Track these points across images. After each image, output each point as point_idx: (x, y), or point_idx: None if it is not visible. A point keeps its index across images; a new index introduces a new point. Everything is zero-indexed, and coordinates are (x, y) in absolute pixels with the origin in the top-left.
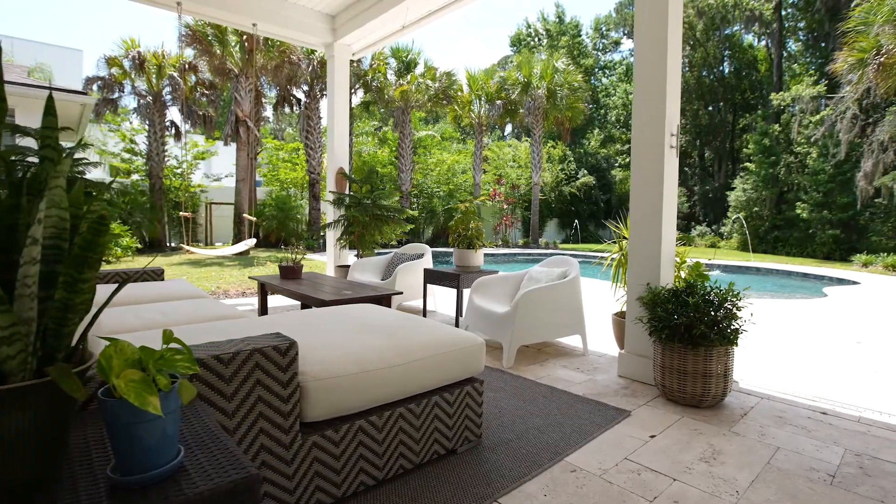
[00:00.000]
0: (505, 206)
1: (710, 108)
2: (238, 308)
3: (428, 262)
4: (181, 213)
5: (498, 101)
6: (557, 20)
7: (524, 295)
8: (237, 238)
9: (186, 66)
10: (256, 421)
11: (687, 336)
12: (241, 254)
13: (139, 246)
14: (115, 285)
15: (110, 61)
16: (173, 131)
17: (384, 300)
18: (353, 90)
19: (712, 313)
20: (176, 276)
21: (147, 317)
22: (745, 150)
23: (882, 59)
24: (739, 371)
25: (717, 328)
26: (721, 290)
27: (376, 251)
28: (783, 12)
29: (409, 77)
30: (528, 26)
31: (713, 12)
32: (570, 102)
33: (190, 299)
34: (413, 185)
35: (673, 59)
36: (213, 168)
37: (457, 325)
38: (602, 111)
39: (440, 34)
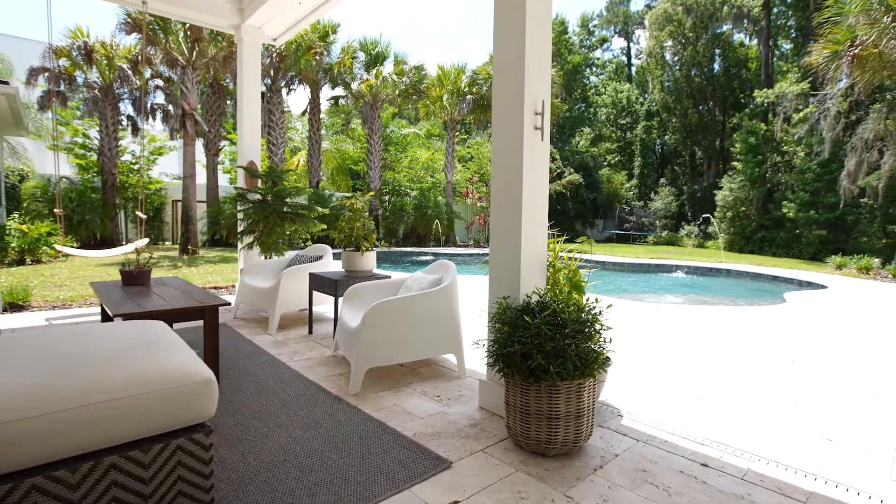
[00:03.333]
0: (479, 205)
1: (700, 108)
2: (78, 318)
3: (327, 264)
4: (138, 212)
5: (468, 96)
6: None
7: (372, 308)
8: (184, 237)
9: (140, 57)
10: None
11: (526, 368)
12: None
13: (74, 245)
14: None
15: (58, 52)
16: (130, 127)
17: (206, 313)
18: (320, 84)
19: (559, 340)
20: (82, 278)
21: None
22: (732, 149)
23: (856, 51)
24: (634, 399)
25: (562, 359)
26: (578, 309)
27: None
28: (774, 10)
29: (374, 71)
30: None
31: (701, 10)
32: None
33: None
34: (384, 183)
35: (536, 14)
36: (180, 165)
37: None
38: (591, 109)
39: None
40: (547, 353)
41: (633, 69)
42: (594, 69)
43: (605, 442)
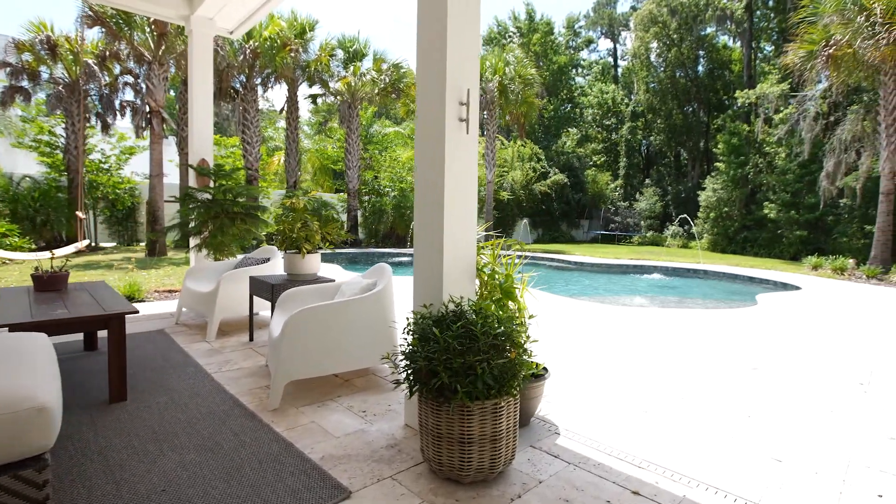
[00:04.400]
0: None
1: (685, 109)
2: None
3: (274, 267)
4: (77, 212)
5: None
6: (528, 18)
7: (293, 317)
8: (152, 238)
9: (107, 53)
10: None
11: (434, 387)
12: (74, 254)
13: (32, 246)
14: None
15: (20, 46)
16: (99, 124)
17: (110, 323)
18: (297, 82)
19: (470, 355)
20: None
21: None
22: (716, 150)
23: (831, 52)
24: (577, 414)
25: (473, 377)
26: (499, 320)
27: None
28: (757, 12)
29: (353, 69)
30: (499, 24)
31: (685, 11)
32: (525, 97)
33: None
34: (363, 183)
35: None
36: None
37: None
38: (578, 110)
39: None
40: (454, 371)
41: (620, 70)
42: (580, 70)
43: (532, 465)
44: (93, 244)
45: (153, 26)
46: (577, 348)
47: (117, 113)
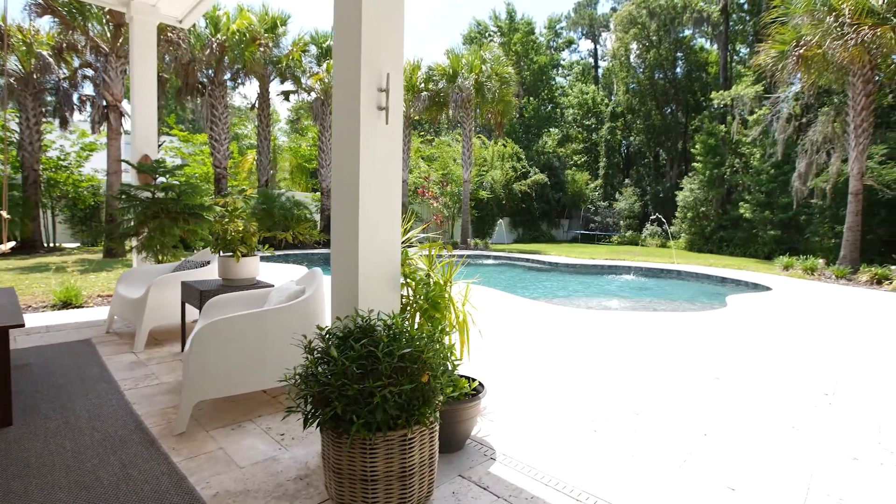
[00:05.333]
0: (434, 204)
1: (664, 110)
2: None
3: (215, 271)
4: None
5: (424, 93)
6: (508, 18)
7: (200, 331)
8: (107, 239)
9: (64, 44)
10: None
11: (328, 416)
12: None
13: None
14: None
15: None
16: (58, 120)
17: None
18: (268, 78)
19: (369, 381)
20: None
21: None
22: (693, 150)
23: (801, 52)
24: (519, 434)
25: (369, 405)
26: (413, 337)
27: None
28: (733, 15)
29: (326, 65)
30: (478, 24)
31: (664, 14)
32: (502, 95)
33: None
34: None
35: None
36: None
37: None
38: (558, 110)
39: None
40: (351, 399)
41: (600, 71)
42: (561, 70)
43: (456, 500)
44: (52, 244)
45: (109, 16)
46: (531, 359)
47: (75, 108)
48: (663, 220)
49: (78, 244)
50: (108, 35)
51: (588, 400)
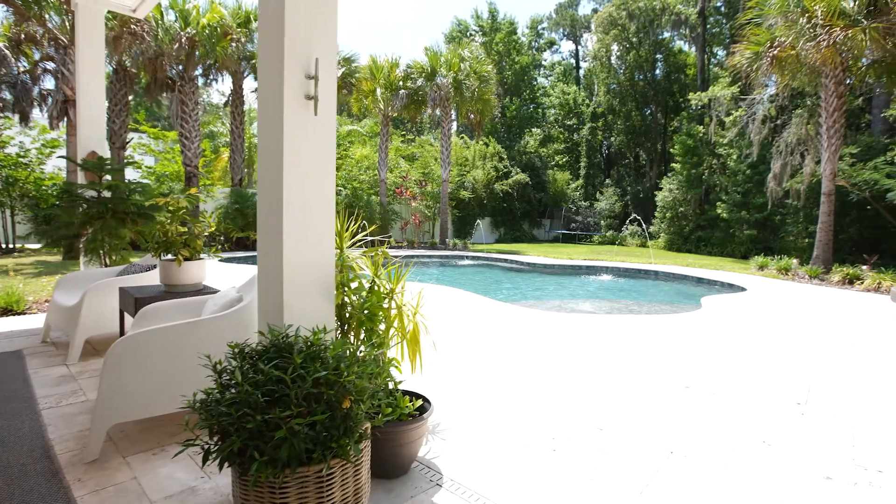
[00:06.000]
0: (413, 204)
1: (644, 111)
2: None
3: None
4: None
5: (402, 91)
6: (490, 18)
7: (115, 346)
8: (68, 240)
9: (22, 36)
10: None
11: (228, 451)
12: None
13: None
14: None
15: None
16: (18, 115)
17: None
18: (242, 74)
19: (276, 410)
20: None
21: None
22: (672, 150)
23: (775, 52)
24: (471, 455)
25: (277, 441)
26: (324, 356)
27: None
28: (710, 18)
29: None
30: (460, 23)
31: (643, 16)
32: (481, 94)
33: None
34: None
35: None
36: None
37: None
38: (540, 111)
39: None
40: (252, 433)
41: (581, 71)
42: (543, 70)
43: None
44: (10, 245)
45: (66, 6)
46: (493, 368)
47: (35, 102)
48: (642, 220)
49: (40, 245)
50: (68, 26)
51: (550, 414)
